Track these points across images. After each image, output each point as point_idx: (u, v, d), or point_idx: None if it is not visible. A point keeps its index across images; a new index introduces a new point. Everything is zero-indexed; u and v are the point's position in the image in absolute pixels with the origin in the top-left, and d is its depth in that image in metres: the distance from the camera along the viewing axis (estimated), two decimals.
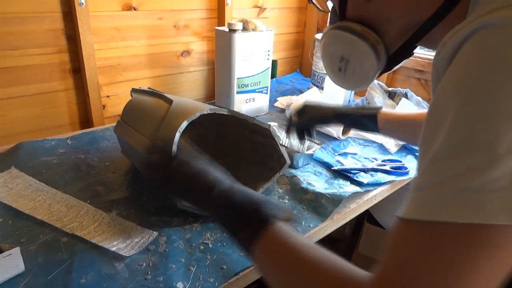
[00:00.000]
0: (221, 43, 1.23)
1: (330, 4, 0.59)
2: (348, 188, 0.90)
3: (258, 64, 1.27)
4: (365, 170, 0.98)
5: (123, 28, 1.21)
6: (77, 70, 1.15)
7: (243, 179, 0.89)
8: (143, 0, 1.22)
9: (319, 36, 1.60)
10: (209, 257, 0.67)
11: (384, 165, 1.01)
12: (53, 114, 1.15)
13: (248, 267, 0.66)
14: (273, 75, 1.55)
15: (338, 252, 0.38)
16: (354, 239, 1.56)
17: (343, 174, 0.96)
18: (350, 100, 1.39)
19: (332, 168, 0.99)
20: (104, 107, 1.24)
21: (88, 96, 1.17)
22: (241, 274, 0.65)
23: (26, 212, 0.74)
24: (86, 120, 1.22)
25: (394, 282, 0.33)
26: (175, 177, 0.56)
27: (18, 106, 1.08)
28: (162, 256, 0.67)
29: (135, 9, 1.22)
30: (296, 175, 0.93)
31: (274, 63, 1.63)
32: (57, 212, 0.75)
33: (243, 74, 1.25)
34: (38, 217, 0.73)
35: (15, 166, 0.89)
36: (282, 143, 0.92)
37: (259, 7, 1.58)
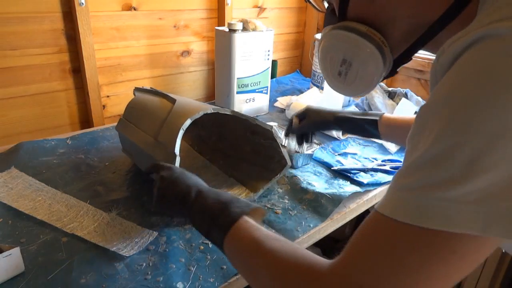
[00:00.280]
0: (221, 43, 1.23)
1: (326, 5, 0.56)
2: (348, 188, 0.90)
3: (258, 64, 1.27)
4: (365, 170, 0.98)
5: (123, 28, 1.21)
6: (77, 70, 1.15)
7: (243, 180, 0.90)
8: (143, 0, 1.22)
9: (319, 36, 1.60)
10: (209, 257, 0.67)
11: (384, 165, 1.01)
12: (53, 114, 1.15)
13: None
14: (273, 75, 1.55)
15: (338, 252, 0.38)
16: None
17: (343, 174, 0.96)
18: (350, 100, 1.39)
19: (332, 168, 0.99)
20: (104, 107, 1.24)
21: (88, 96, 1.17)
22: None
23: (26, 212, 0.74)
24: (86, 120, 1.22)
25: (350, 272, 0.36)
26: (158, 188, 0.60)
27: (18, 106, 1.08)
28: (162, 256, 0.67)
29: (135, 9, 1.22)
30: (296, 175, 0.93)
31: (274, 63, 1.63)
32: (57, 212, 0.75)
33: (243, 74, 1.25)
34: (38, 217, 0.73)
35: (15, 166, 0.89)
36: (283, 143, 0.91)
37: (259, 7, 1.58)
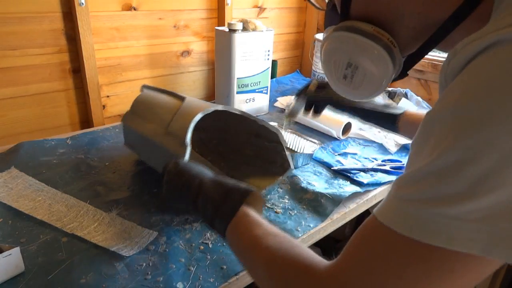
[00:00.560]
0: (221, 43, 1.23)
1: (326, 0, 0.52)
2: (348, 188, 0.90)
3: (258, 64, 1.27)
4: (365, 170, 0.98)
5: (123, 28, 1.21)
6: (77, 70, 1.15)
7: (245, 180, 0.90)
8: (143, 0, 1.22)
9: (319, 36, 1.60)
10: (209, 257, 0.67)
11: (384, 165, 1.01)
12: (53, 114, 1.15)
13: None
14: (273, 75, 1.55)
15: (338, 252, 0.38)
16: None
17: (343, 174, 0.96)
18: None
19: (332, 168, 0.99)
20: (104, 107, 1.24)
21: (88, 96, 1.17)
22: (241, 274, 0.65)
23: (26, 212, 0.74)
24: (86, 120, 1.22)
25: (346, 276, 0.35)
26: (167, 180, 0.61)
27: (18, 106, 1.08)
28: (162, 256, 0.67)
29: (135, 9, 1.22)
30: (296, 175, 0.93)
31: (274, 63, 1.63)
32: (57, 212, 0.75)
33: (243, 74, 1.25)
34: (38, 217, 0.73)
35: (15, 166, 0.89)
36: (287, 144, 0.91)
37: (259, 7, 1.58)
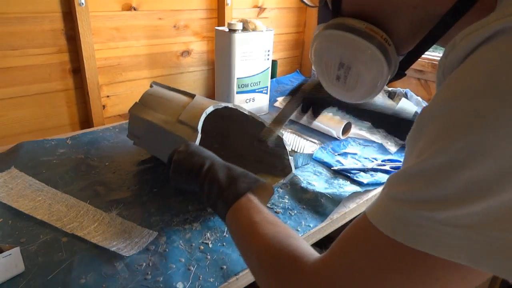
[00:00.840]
0: (221, 43, 1.23)
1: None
2: (348, 188, 0.90)
3: (258, 64, 1.27)
4: (365, 170, 0.98)
5: (123, 28, 1.21)
6: (77, 70, 1.15)
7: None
8: (143, 0, 1.22)
9: None
10: (209, 257, 0.67)
11: (384, 165, 1.01)
12: (53, 114, 1.15)
13: None
14: (273, 75, 1.55)
15: None
16: None
17: (343, 174, 0.96)
18: None
19: (332, 168, 0.99)
20: (104, 107, 1.24)
21: (88, 96, 1.17)
22: (241, 274, 0.65)
23: (26, 212, 0.74)
24: (86, 120, 1.22)
25: (330, 272, 0.35)
26: (174, 162, 0.62)
27: (18, 106, 1.08)
28: (162, 256, 0.67)
29: (135, 9, 1.22)
30: (296, 175, 0.93)
31: (274, 63, 1.63)
32: (57, 212, 0.75)
33: (243, 74, 1.25)
34: (38, 217, 0.73)
35: (15, 166, 0.89)
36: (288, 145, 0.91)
37: (259, 7, 1.58)
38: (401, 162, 1.03)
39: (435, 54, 1.44)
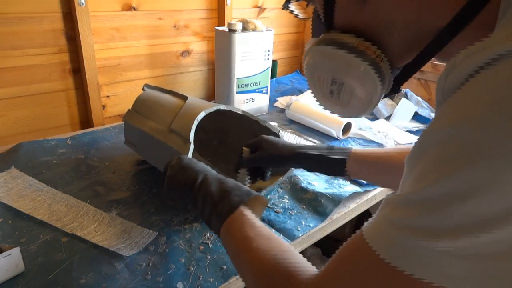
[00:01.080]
0: (221, 43, 1.23)
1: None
2: (347, 188, 0.90)
3: (258, 64, 1.27)
4: None
5: (123, 28, 1.21)
6: (77, 70, 1.15)
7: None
8: (143, 0, 1.22)
9: None
10: (209, 257, 0.67)
11: None
12: (53, 114, 1.15)
13: None
14: (273, 75, 1.55)
15: None
16: None
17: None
18: None
19: None
20: (104, 107, 1.24)
21: (88, 96, 1.17)
22: None
23: (26, 212, 0.74)
24: (86, 120, 1.22)
25: None
26: (168, 175, 0.62)
27: (18, 106, 1.08)
28: (162, 256, 0.67)
29: (135, 9, 1.22)
30: (296, 175, 0.93)
31: (274, 63, 1.63)
32: (57, 212, 0.75)
33: (243, 74, 1.25)
34: (38, 217, 0.73)
35: (15, 166, 0.89)
36: None
37: (259, 7, 1.58)
38: None
39: None
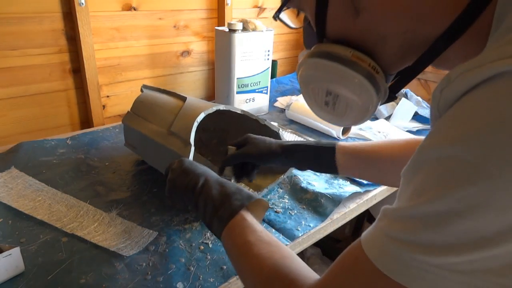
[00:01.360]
0: (221, 43, 1.23)
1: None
2: (348, 188, 0.90)
3: (258, 64, 1.27)
4: None
5: (123, 28, 1.21)
6: (77, 70, 1.15)
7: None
8: (143, 0, 1.22)
9: None
10: (209, 257, 0.67)
11: None
12: (53, 114, 1.15)
13: None
14: (273, 75, 1.55)
15: (338, 252, 0.39)
16: (354, 239, 1.55)
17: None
18: None
19: None
20: (104, 107, 1.24)
21: (88, 96, 1.17)
22: None
23: (26, 212, 0.74)
24: (86, 120, 1.22)
25: None
26: (169, 178, 0.62)
27: (18, 106, 1.08)
28: (162, 256, 0.67)
29: (135, 9, 1.22)
30: (296, 175, 0.93)
31: (274, 63, 1.63)
32: (57, 212, 0.75)
33: (243, 74, 1.25)
34: (38, 217, 0.73)
35: (15, 166, 0.89)
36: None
37: (259, 7, 1.58)
38: None
39: None
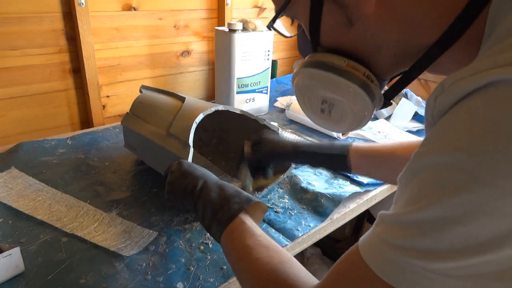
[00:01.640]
0: (221, 43, 1.23)
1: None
2: (348, 188, 0.90)
3: (258, 64, 1.27)
4: None
5: (123, 28, 1.21)
6: (77, 70, 1.15)
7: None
8: (143, 0, 1.22)
9: None
10: (209, 257, 0.67)
11: None
12: (53, 114, 1.15)
13: None
14: (273, 75, 1.55)
15: (338, 252, 0.39)
16: (354, 239, 1.56)
17: (343, 174, 0.96)
18: None
19: None
20: (104, 107, 1.24)
21: (88, 96, 1.17)
22: None
23: (26, 212, 0.74)
24: (86, 120, 1.22)
25: None
26: (169, 180, 0.62)
27: (18, 106, 1.08)
28: (162, 256, 0.67)
29: (135, 9, 1.22)
30: (296, 175, 0.93)
31: (274, 63, 1.63)
32: (57, 212, 0.75)
33: (243, 74, 1.25)
34: (38, 217, 0.73)
35: (15, 166, 0.89)
36: None
37: (259, 7, 1.58)
38: None
39: None
